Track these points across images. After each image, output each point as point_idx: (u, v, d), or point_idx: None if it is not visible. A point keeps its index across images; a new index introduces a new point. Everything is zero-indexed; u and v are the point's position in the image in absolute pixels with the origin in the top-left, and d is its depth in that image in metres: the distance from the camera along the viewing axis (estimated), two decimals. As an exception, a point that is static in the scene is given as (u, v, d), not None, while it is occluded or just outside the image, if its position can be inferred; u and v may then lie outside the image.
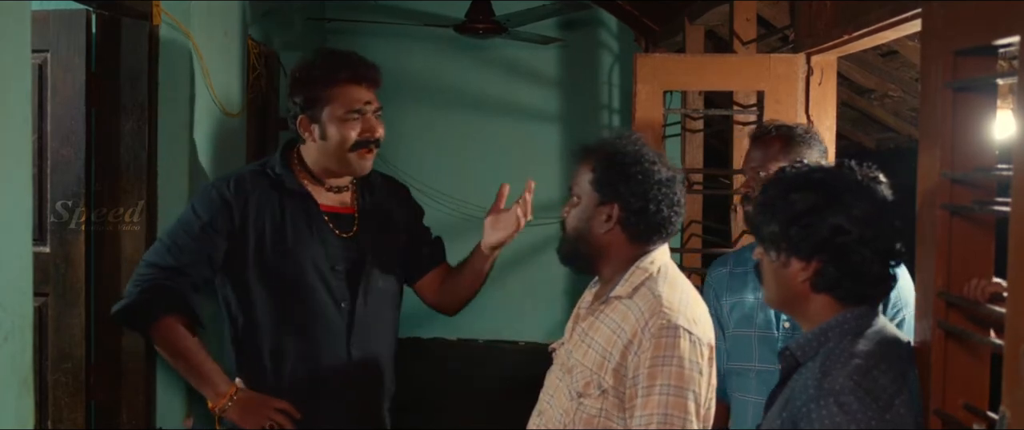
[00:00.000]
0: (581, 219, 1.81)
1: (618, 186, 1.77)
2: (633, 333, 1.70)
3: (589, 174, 1.80)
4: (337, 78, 2.15)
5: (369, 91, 2.19)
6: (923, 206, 1.60)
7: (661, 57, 3.30)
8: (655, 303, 1.71)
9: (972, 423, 1.49)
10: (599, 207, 1.79)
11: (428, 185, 6.09)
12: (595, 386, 1.73)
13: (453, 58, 6.12)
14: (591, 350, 1.76)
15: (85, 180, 2.72)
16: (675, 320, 1.69)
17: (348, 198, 2.28)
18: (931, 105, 1.58)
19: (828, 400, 1.37)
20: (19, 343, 1.91)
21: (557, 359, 1.88)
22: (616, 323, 1.74)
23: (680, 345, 1.67)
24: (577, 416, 1.74)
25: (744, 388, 2.07)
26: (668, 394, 1.65)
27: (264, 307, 2.17)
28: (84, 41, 2.71)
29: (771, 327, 2.06)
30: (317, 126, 2.17)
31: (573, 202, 1.83)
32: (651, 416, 1.65)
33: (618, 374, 1.71)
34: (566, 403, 1.77)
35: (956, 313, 1.55)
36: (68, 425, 2.72)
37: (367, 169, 2.22)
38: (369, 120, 2.17)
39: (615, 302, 1.77)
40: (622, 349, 1.70)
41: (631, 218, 1.77)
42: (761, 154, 2.10)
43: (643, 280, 1.77)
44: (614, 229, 1.79)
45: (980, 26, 1.44)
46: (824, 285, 1.48)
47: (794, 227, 1.46)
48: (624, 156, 1.78)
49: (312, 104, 2.16)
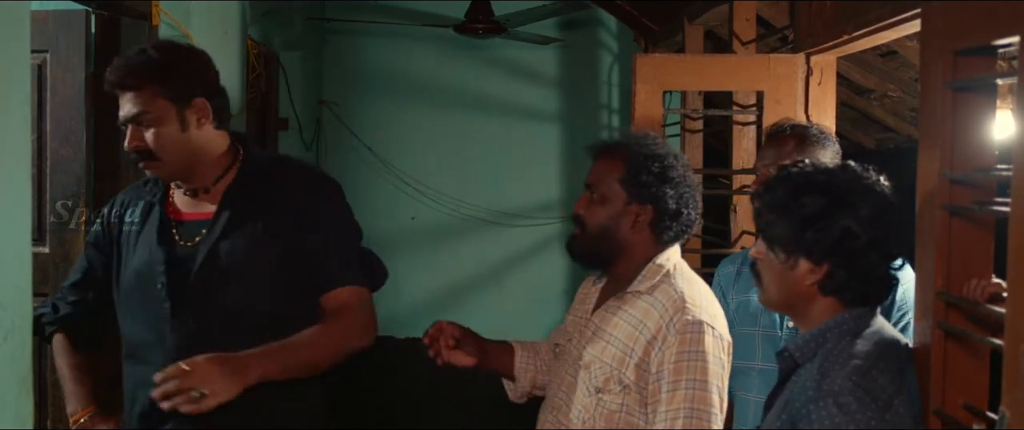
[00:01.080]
0: (608, 218, 1.79)
1: (653, 189, 1.77)
2: (657, 329, 1.71)
3: (618, 173, 1.79)
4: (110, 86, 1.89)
5: (131, 98, 1.85)
6: (923, 206, 1.60)
7: (661, 57, 3.30)
8: (678, 299, 1.73)
9: (972, 423, 1.49)
10: (629, 207, 1.78)
11: (427, 185, 6.09)
12: (616, 381, 1.73)
13: (452, 58, 6.12)
14: (610, 346, 1.76)
15: (85, 180, 2.72)
16: (699, 316, 1.71)
17: (212, 203, 1.91)
18: (931, 105, 1.58)
19: (827, 401, 1.37)
20: (19, 343, 1.90)
21: (566, 355, 1.88)
22: (637, 319, 1.75)
23: (705, 341, 1.69)
24: (597, 412, 1.75)
25: (746, 386, 2.08)
26: (694, 389, 1.67)
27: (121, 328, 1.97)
28: (83, 41, 2.71)
29: (775, 326, 2.06)
30: None
31: (594, 199, 1.81)
32: (677, 410, 1.67)
33: (640, 369, 1.72)
34: (585, 399, 1.77)
35: (956, 313, 1.55)
36: (68, 425, 2.71)
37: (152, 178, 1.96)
38: (130, 130, 1.86)
39: (634, 298, 1.78)
40: (645, 345, 1.72)
41: (664, 220, 1.78)
42: (775, 152, 2.09)
43: (661, 276, 1.78)
44: (643, 230, 1.79)
45: (980, 26, 1.44)
46: (832, 288, 1.48)
47: (809, 230, 1.46)
48: (660, 159, 1.78)
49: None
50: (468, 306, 6.06)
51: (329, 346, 1.83)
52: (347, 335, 1.85)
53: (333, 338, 1.84)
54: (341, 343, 1.84)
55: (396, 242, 6.21)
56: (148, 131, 1.84)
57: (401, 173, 6.11)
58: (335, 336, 1.84)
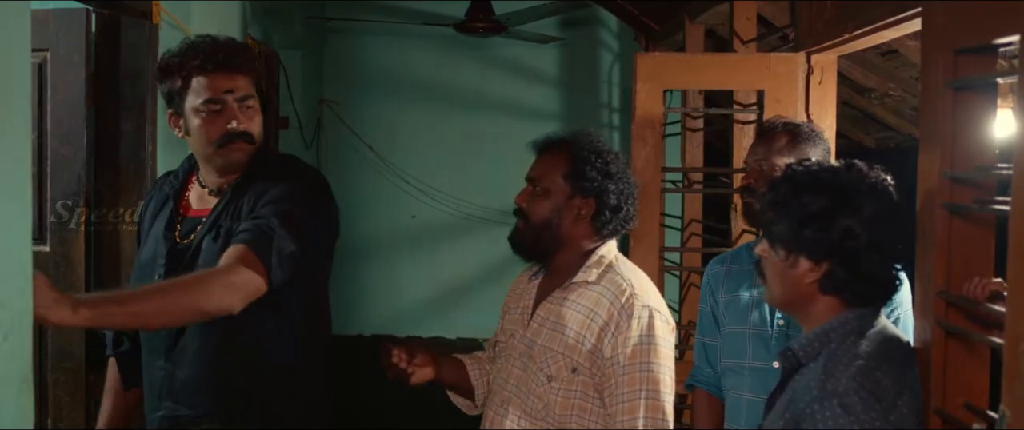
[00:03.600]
0: (551, 211, 1.87)
1: (596, 184, 1.84)
2: (609, 316, 1.80)
3: (563, 168, 1.86)
4: (195, 66, 1.88)
5: (232, 79, 1.88)
6: (923, 205, 1.60)
7: (661, 56, 3.30)
8: (626, 288, 1.82)
9: (972, 422, 1.49)
10: (572, 200, 1.86)
11: (428, 184, 6.09)
12: (567, 368, 1.81)
13: (453, 57, 6.12)
14: (559, 334, 1.84)
15: (85, 179, 2.72)
16: (648, 302, 1.82)
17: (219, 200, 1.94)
18: (931, 104, 1.58)
19: (831, 401, 1.37)
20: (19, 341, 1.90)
21: (509, 351, 1.93)
22: (588, 308, 1.83)
23: (656, 325, 1.81)
24: (553, 399, 1.82)
25: (738, 386, 2.07)
26: (648, 371, 1.78)
27: None
28: (84, 40, 2.71)
29: (765, 324, 2.06)
30: (184, 121, 1.93)
31: (536, 192, 1.88)
32: (635, 392, 1.77)
33: (593, 356, 1.80)
34: (538, 388, 1.84)
35: (956, 312, 1.55)
36: (68, 424, 2.72)
37: (237, 167, 1.91)
38: (232, 110, 1.87)
39: (581, 288, 1.85)
40: (598, 332, 1.81)
41: (604, 214, 1.86)
42: (765, 148, 2.10)
43: (605, 267, 1.87)
44: (584, 223, 1.87)
45: (980, 25, 1.44)
46: (832, 287, 1.48)
47: (808, 229, 1.45)
48: (603, 155, 1.86)
49: (176, 97, 1.92)
50: (468, 305, 6.06)
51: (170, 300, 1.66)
52: (199, 293, 1.68)
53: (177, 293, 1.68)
54: (187, 300, 1.67)
55: (396, 241, 6.21)
56: (255, 116, 1.91)
57: (402, 172, 6.11)
58: (179, 291, 1.68)
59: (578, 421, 1.81)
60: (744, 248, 2.26)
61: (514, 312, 1.99)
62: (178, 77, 1.89)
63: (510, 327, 1.97)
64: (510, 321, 1.99)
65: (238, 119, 1.87)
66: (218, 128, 1.87)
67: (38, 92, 2.66)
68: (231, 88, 1.87)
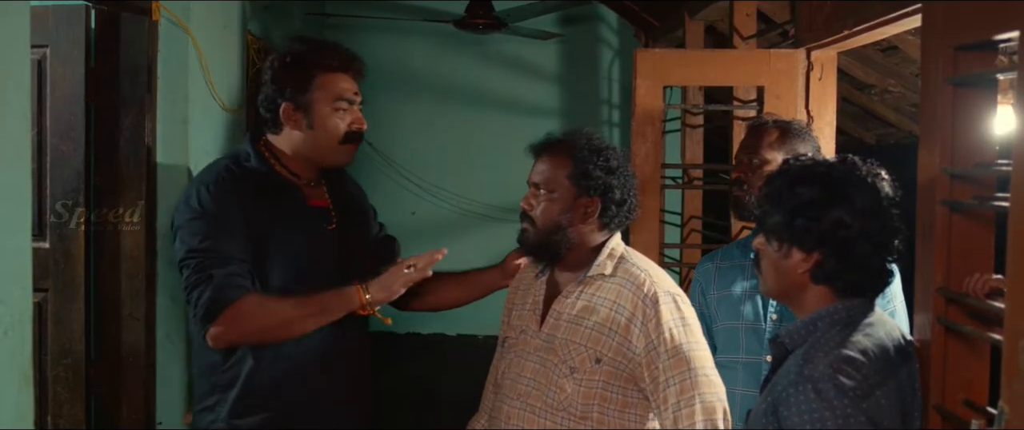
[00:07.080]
0: (559, 213, 1.87)
1: (601, 181, 1.86)
2: (635, 307, 1.81)
3: (566, 169, 1.87)
4: (329, 65, 2.10)
5: (355, 82, 2.15)
6: (923, 202, 1.60)
7: (661, 52, 3.29)
8: (644, 278, 1.84)
9: (971, 418, 1.49)
10: (579, 200, 1.87)
11: (428, 181, 6.09)
12: (591, 359, 1.82)
13: (453, 54, 6.11)
14: (582, 327, 1.85)
15: (84, 175, 2.72)
16: (669, 289, 1.85)
17: (323, 191, 2.20)
18: (931, 100, 1.58)
19: (806, 386, 1.40)
20: (19, 338, 1.91)
21: (523, 346, 1.93)
22: (610, 300, 1.84)
23: (682, 307, 1.83)
24: (576, 388, 1.83)
25: (731, 380, 2.07)
26: (690, 351, 1.79)
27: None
28: (83, 36, 2.71)
29: (759, 318, 2.07)
30: (304, 115, 2.08)
31: (542, 195, 1.89)
32: (685, 373, 1.77)
33: (620, 346, 1.81)
34: (560, 379, 1.84)
35: (956, 309, 1.55)
36: (68, 420, 2.72)
37: (349, 162, 2.18)
38: (357, 112, 2.14)
39: (598, 281, 1.87)
40: (625, 323, 1.81)
41: (611, 210, 1.88)
42: (755, 142, 2.12)
43: (618, 259, 1.89)
44: (592, 221, 1.88)
45: (980, 21, 1.43)
46: (823, 277, 1.51)
47: (799, 219, 1.49)
48: (604, 152, 1.87)
49: (301, 91, 2.06)
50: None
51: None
52: None
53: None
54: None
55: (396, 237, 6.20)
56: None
57: (401, 168, 6.11)
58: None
59: (599, 410, 1.82)
60: (734, 245, 2.27)
61: (522, 308, 1.99)
62: (312, 73, 2.07)
63: (519, 323, 1.98)
64: (519, 317, 1.99)
65: (362, 120, 2.13)
66: (347, 125, 2.10)
67: (37, 88, 2.66)
68: (357, 91, 2.14)
